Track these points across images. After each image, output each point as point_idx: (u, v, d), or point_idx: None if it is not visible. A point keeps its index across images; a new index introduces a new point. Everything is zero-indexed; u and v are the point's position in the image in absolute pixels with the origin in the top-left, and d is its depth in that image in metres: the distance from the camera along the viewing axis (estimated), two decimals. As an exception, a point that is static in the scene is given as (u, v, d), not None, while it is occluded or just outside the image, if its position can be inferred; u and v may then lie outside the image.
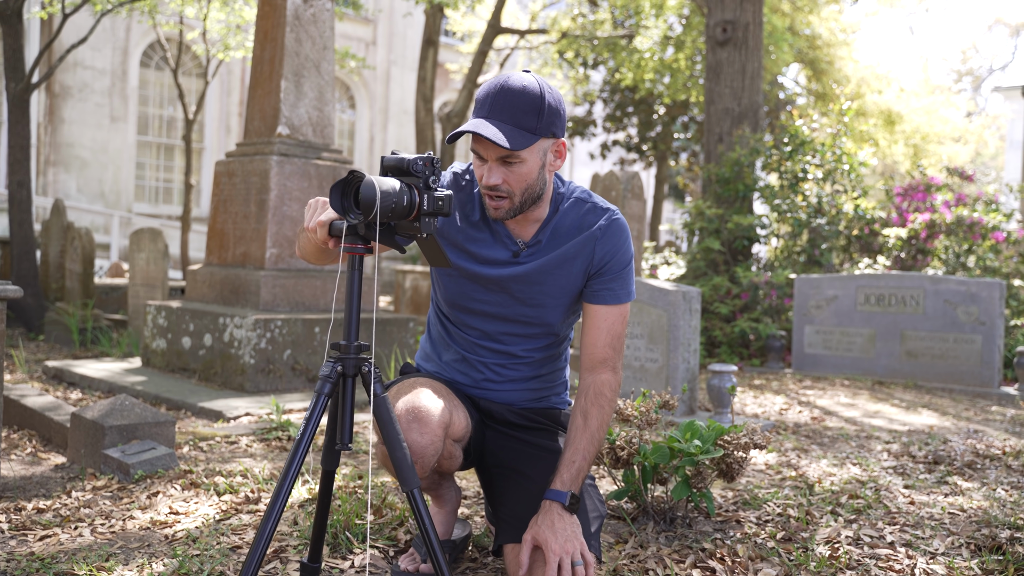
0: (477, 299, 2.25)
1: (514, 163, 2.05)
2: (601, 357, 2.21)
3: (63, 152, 18.05)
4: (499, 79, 2.05)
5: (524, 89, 2.02)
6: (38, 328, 8.65)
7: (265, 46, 6.06)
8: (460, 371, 2.36)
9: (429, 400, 2.10)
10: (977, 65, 45.36)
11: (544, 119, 2.04)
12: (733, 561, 2.49)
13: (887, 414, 5.52)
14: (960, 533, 2.83)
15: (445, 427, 2.10)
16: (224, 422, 4.56)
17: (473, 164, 2.14)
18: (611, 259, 2.20)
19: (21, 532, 2.70)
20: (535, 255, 2.20)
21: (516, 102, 2.01)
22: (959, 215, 8.81)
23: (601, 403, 2.19)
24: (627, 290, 2.23)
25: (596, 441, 2.16)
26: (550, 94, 2.05)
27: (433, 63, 13.41)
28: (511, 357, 2.31)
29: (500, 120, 2.01)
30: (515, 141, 2.00)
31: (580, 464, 2.12)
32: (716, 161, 9.80)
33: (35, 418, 4.15)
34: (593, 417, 2.17)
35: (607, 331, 2.21)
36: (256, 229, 5.80)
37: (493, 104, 2.02)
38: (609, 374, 2.22)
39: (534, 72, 2.12)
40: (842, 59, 17.75)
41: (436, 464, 2.18)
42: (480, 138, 2.01)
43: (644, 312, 5.00)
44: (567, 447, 2.16)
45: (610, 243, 2.20)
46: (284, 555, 2.48)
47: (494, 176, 2.06)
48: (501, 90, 2.02)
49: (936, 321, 7.06)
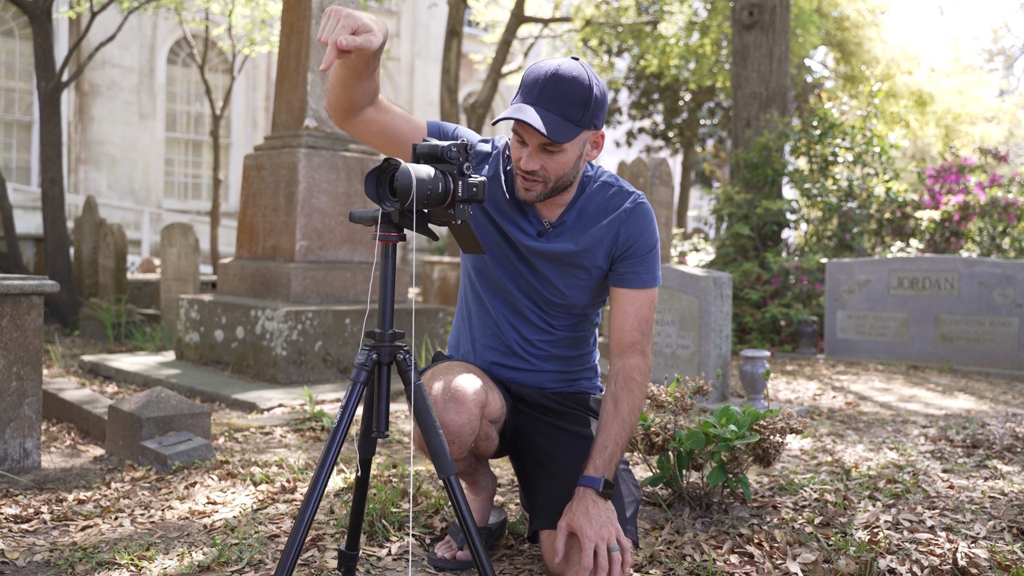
0: (504, 268, 2.26)
1: (555, 152, 2.05)
2: (629, 341, 2.21)
3: (93, 150, 18.26)
4: (549, 65, 2.03)
5: (575, 79, 2.00)
6: (73, 323, 8.78)
7: (291, 39, 6.09)
8: (491, 349, 2.36)
9: (465, 380, 2.13)
10: (1009, 44, 44.51)
11: (590, 112, 2.03)
12: (771, 546, 2.47)
13: (923, 398, 5.46)
14: (1002, 517, 2.79)
15: (481, 406, 2.12)
16: (258, 413, 4.60)
17: (511, 143, 2.14)
18: (636, 242, 2.21)
19: (63, 523, 2.74)
20: (560, 236, 2.21)
21: (566, 92, 2.00)
22: (993, 196, 8.67)
23: (631, 387, 2.18)
24: (653, 275, 2.23)
25: (628, 426, 2.16)
26: (598, 86, 2.04)
27: (457, 54, 13.39)
28: (539, 332, 2.32)
29: (547, 109, 1.99)
30: (561, 134, 1.99)
31: (613, 450, 2.12)
32: (744, 146, 9.72)
33: (73, 411, 4.21)
34: (624, 402, 2.16)
35: (634, 315, 2.21)
36: (285, 222, 5.83)
37: (543, 91, 2.00)
38: (638, 358, 2.20)
39: (581, 60, 2.09)
40: (871, 40, 17.50)
41: (473, 445, 2.19)
42: (524, 124, 2.01)
43: (675, 299, 4.97)
44: (599, 433, 2.15)
45: (635, 226, 2.21)
46: (321, 543, 2.50)
47: (533, 162, 2.06)
48: (552, 78, 2.00)
49: (971, 304, 6.96)
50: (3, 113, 17.20)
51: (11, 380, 3.29)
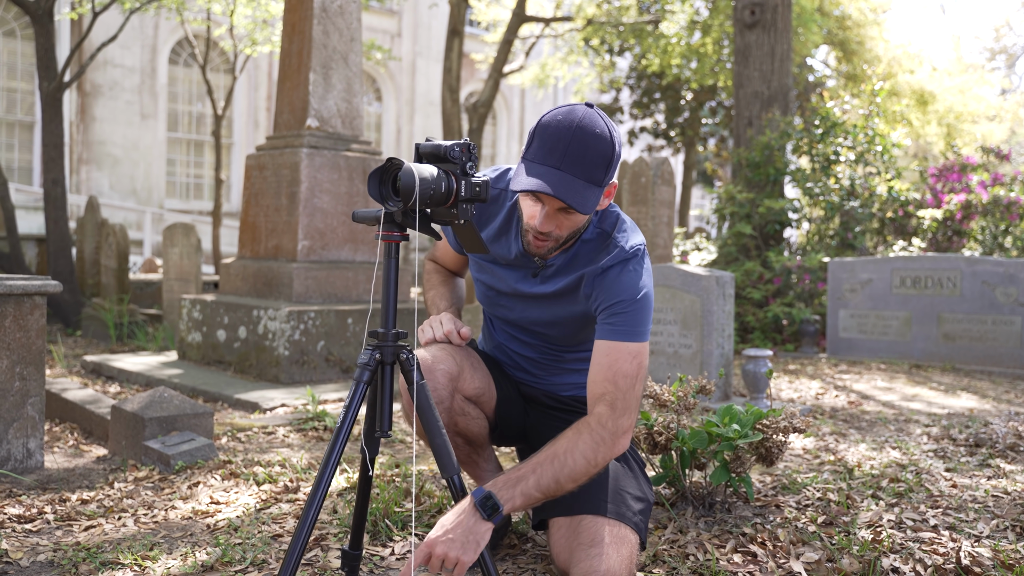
0: (501, 304, 2.29)
1: (572, 213, 1.95)
2: (598, 392, 2.01)
3: (95, 150, 18.27)
4: (570, 120, 1.89)
5: (598, 137, 1.89)
6: (75, 324, 8.78)
7: (293, 39, 6.09)
8: (502, 356, 2.43)
9: (436, 353, 2.18)
10: (1011, 43, 44.46)
11: (612, 170, 1.93)
12: (774, 545, 2.47)
13: (925, 397, 5.45)
14: (1005, 516, 2.79)
15: (450, 378, 2.16)
16: (261, 413, 4.60)
17: (522, 198, 2.02)
18: (609, 297, 2.05)
19: (66, 523, 2.75)
20: (550, 278, 2.16)
21: (590, 153, 1.88)
22: (995, 195, 8.66)
23: (580, 429, 1.97)
24: (631, 329, 2.02)
25: (558, 464, 1.91)
26: (617, 139, 1.93)
27: (458, 53, 13.38)
28: (547, 358, 2.34)
29: (573, 174, 1.88)
30: (588, 203, 1.89)
31: (527, 479, 1.89)
32: (746, 145, 9.71)
33: (76, 411, 4.22)
34: (565, 439, 1.95)
35: (608, 367, 2.00)
36: (287, 222, 5.83)
37: (566, 153, 1.87)
38: (603, 407, 1.98)
39: (597, 107, 1.96)
40: (872, 39, 17.48)
41: (452, 422, 2.22)
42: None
43: (677, 298, 4.97)
44: (527, 459, 1.97)
45: (608, 282, 2.06)
46: (325, 543, 2.50)
47: (549, 224, 1.96)
48: (576, 137, 1.88)
49: (974, 303, 6.95)
50: (5, 114, 17.21)
51: (14, 380, 3.30)
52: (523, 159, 1.93)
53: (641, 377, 2.02)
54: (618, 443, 1.97)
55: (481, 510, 1.83)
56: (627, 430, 1.98)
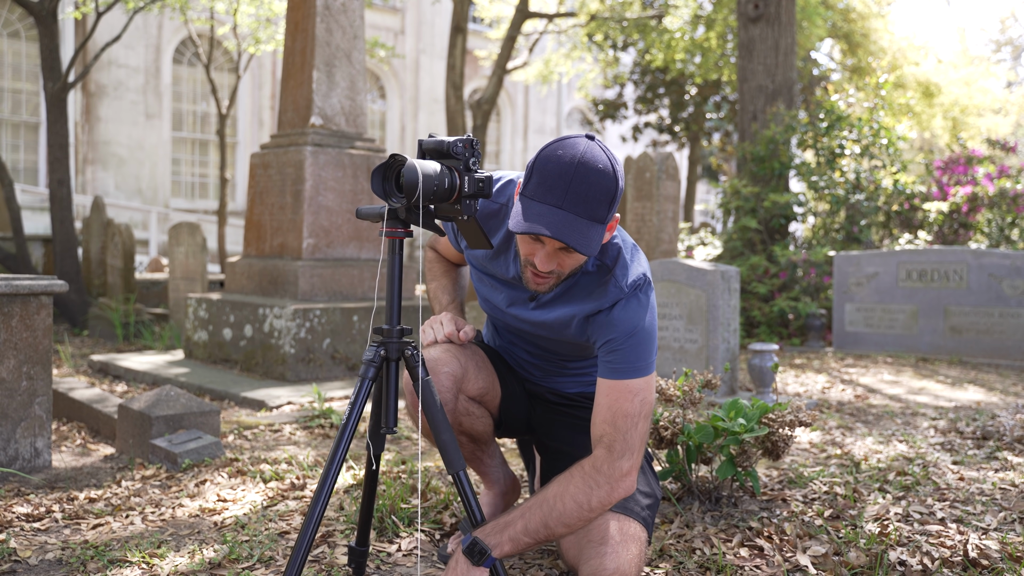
0: (500, 317, 2.28)
1: (575, 252, 1.86)
2: (598, 433, 1.94)
3: (100, 150, 18.31)
4: (572, 155, 1.80)
5: (601, 173, 1.79)
6: (82, 323, 8.81)
7: (296, 37, 6.09)
8: (507, 356, 2.42)
9: (439, 355, 2.17)
10: (1016, 34, 44.30)
11: (615, 206, 1.84)
12: (781, 539, 2.47)
13: (932, 391, 5.44)
14: (1012, 508, 2.78)
15: (454, 380, 2.15)
16: (267, 411, 4.61)
17: (519, 237, 1.92)
18: (607, 335, 1.98)
19: (74, 521, 2.76)
20: (544, 305, 2.10)
21: (594, 191, 1.78)
22: (1002, 187, 8.63)
23: (573, 474, 1.91)
24: (628, 366, 1.94)
25: (547, 509, 1.87)
26: (620, 173, 1.84)
27: (462, 50, 13.37)
28: (551, 365, 2.33)
29: (576, 214, 1.78)
30: (592, 243, 1.80)
31: (515, 524, 1.86)
32: (750, 139, 9.69)
33: (83, 410, 4.23)
34: (556, 484, 1.91)
35: (607, 407, 1.93)
36: (292, 220, 5.84)
37: (568, 191, 1.78)
38: (601, 451, 1.92)
39: (598, 139, 1.87)
40: (877, 31, 17.42)
41: (457, 423, 2.22)
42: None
43: (683, 293, 4.96)
44: (518, 505, 1.93)
45: (604, 322, 1.99)
46: (331, 539, 2.51)
47: (549, 263, 1.87)
48: (579, 174, 1.78)
49: (980, 296, 6.93)
50: (10, 114, 17.25)
51: (21, 380, 3.31)
52: (522, 196, 1.84)
53: (645, 415, 1.94)
54: (618, 486, 1.91)
55: (469, 557, 1.82)
56: (628, 472, 1.91)
